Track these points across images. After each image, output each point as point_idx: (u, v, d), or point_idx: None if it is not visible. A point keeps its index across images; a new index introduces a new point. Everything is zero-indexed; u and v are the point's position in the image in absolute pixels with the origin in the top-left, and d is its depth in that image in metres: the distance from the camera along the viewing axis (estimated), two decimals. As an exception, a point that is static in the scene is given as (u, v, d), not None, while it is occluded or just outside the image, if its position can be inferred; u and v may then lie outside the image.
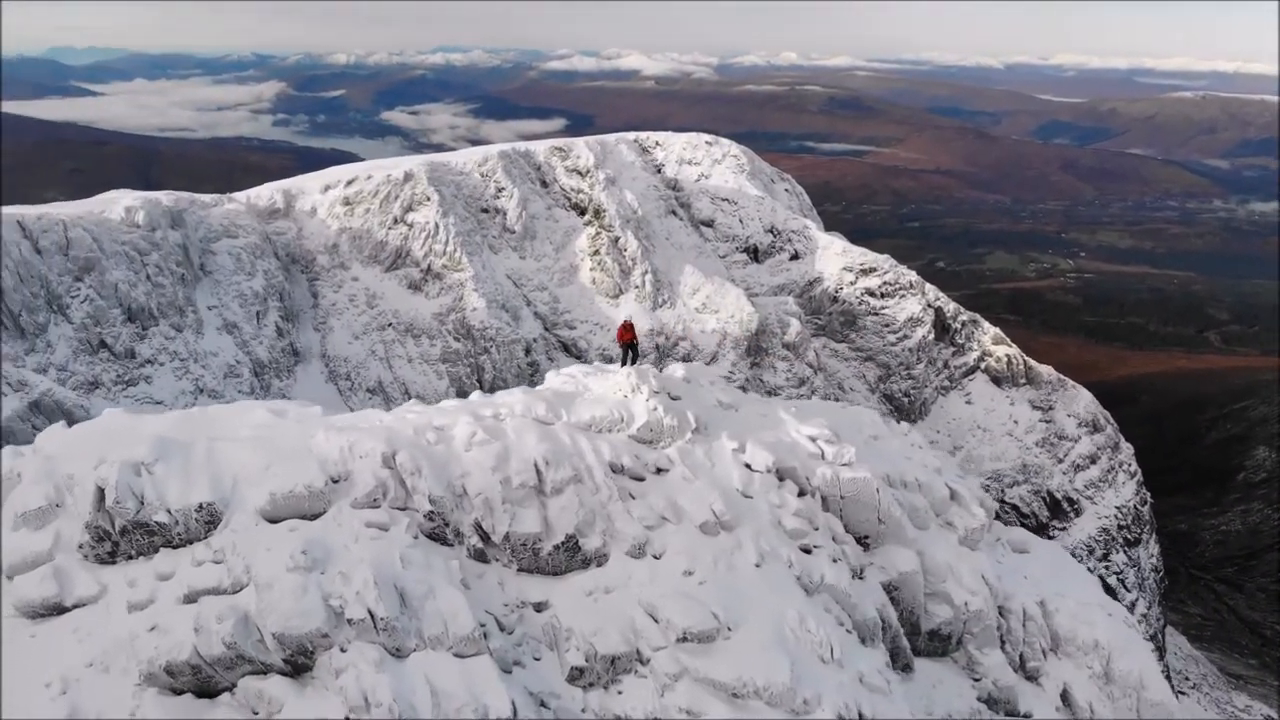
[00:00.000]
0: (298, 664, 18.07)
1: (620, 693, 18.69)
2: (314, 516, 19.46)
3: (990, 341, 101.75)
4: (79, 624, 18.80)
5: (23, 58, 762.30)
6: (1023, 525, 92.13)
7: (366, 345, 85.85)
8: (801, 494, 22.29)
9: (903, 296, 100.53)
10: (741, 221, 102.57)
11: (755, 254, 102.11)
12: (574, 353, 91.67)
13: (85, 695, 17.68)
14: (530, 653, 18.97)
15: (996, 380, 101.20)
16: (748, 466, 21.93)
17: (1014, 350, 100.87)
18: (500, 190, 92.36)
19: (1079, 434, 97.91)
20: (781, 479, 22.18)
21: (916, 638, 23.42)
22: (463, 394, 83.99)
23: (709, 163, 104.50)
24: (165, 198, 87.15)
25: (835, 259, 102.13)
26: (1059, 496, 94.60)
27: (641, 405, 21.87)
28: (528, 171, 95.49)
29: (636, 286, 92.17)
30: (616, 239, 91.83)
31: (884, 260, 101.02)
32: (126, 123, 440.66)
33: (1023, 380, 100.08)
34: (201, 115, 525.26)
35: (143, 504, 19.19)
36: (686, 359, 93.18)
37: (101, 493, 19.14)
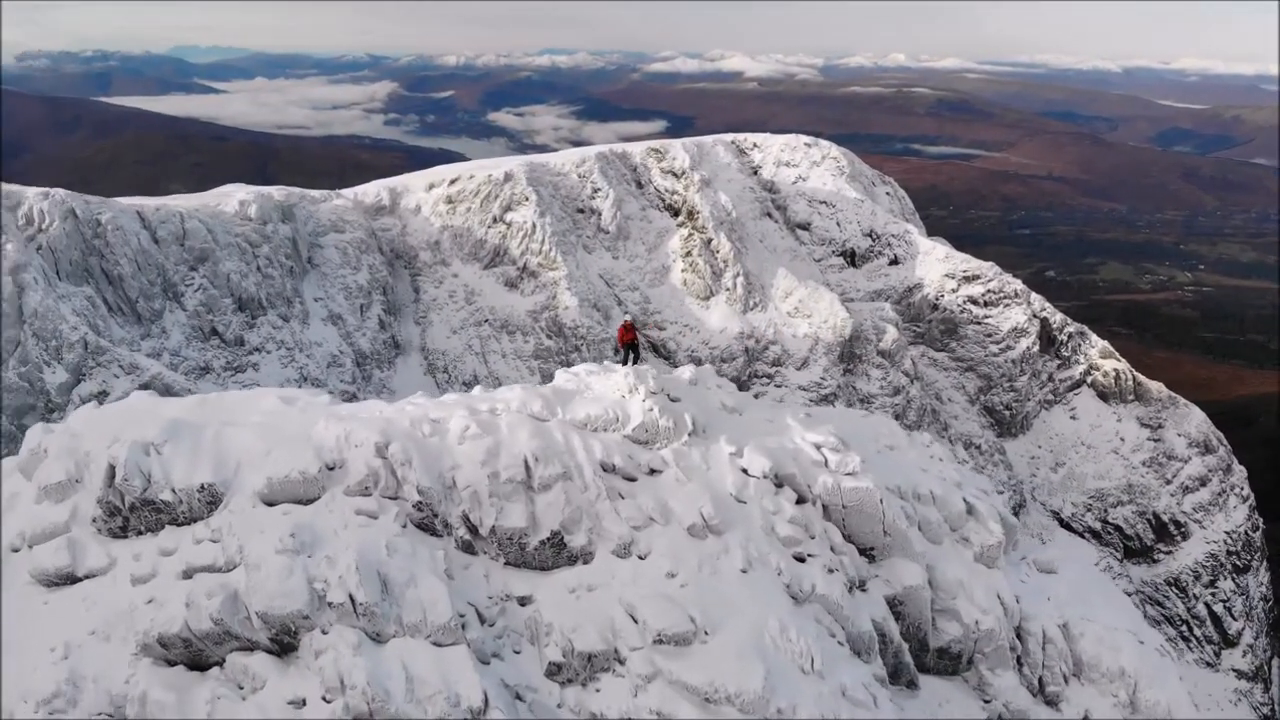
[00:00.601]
0: (283, 643, 18.82)
1: (598, 691, 18.94)
2: (308, 501, 20.21)
3: (1098, 355, 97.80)
4: (87, 594, 19.95)
5: (149, 55, 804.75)
6: (1126, 548, 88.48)
7: (464, 340, 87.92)
8: (801, 501, 22.07)
9: (1007, 306, 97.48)
10: (839, 225, 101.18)
11: (852, 258, 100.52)
12: (662, 354, 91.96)
13: (84, 661, 18.80)
14: (511, 645, 19.38)
15: (1103, 396, 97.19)
16: (744, 471, 21.83)
17: (1123, 365, 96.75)
18: (596, 191, 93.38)
19: (1189, 454, 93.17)
20: (780, 485, 22.03)
21: (925, 654, 23.01)
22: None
23: (807, 165, 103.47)
24: (277, 192, 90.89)
25: (937, 265, 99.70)
26: (1165, 519, 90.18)
27: (637, 405, 22.02)
28: (624, 173, 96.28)
29: (727, 289, 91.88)
30: (709, 240, 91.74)
31: (988, 268, 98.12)
32: (247, 120, 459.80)
33: (1131, 397, 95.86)
34: (317, 114, 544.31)
35: (150, 482, 20.23)
36: (776, 364, 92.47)
37: (113, 470, 20.23)
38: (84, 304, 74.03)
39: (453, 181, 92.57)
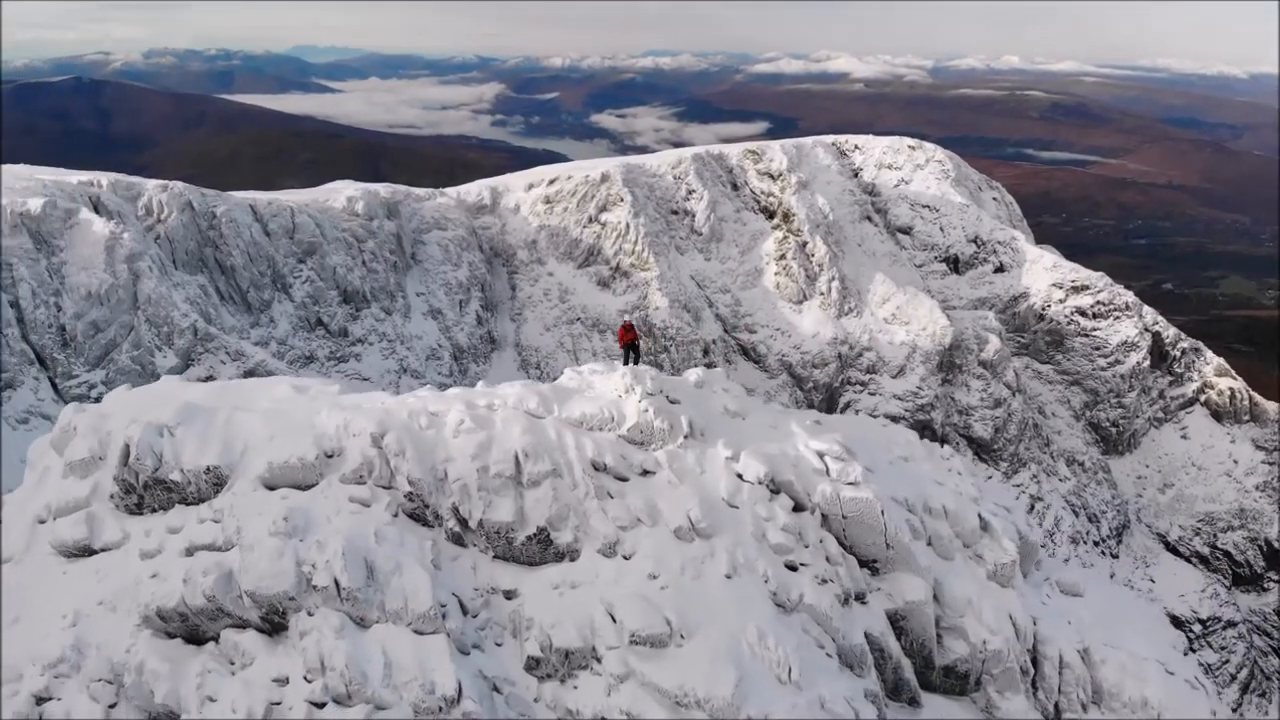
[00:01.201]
0: (273, 623, 19.43)
1: (575, 688, 18.94)
2: (306, 487, 20.74)
3: (1213, 373, 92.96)
4: (101, 566, 20.91)
5: (269, 55, 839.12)
6: (1235, 574, 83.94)
7: (556, 337, 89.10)
8: (799, 509, 21.61)
9: (1117, 318, 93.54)
10: (942, 230, 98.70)
11: (955, 265, 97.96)
12: (753, 357, 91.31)
13: (90, 630, 19.77)
14: (493, 638, 19.53)
15: (1217, 415, 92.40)
16: (739, 476, 21.47)
17: (1239, 384, 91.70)
18: (691, 192, 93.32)
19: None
20: (776, 491, 21.59)
21: (931, 672, 22.29)
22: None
23: (910, 167, 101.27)
24: (383, 190, 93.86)
25: (1044, 274, 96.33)
26: (1278, 546, 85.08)
27: (633, 406, 21.83)
28: (719, 174, 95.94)
29: (822, 293, 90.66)
30: (804, 244, 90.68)
31: (1098, 278, 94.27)
32: (360, 118, 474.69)
33: (1246, 417, 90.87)
34: (427, 113, 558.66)
35: (161, 462, 21.06)
36: (871, 371, 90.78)
37: (128, 449, 21.11)
38: (197, 292, 77.79)
39: (551, 182, 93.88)
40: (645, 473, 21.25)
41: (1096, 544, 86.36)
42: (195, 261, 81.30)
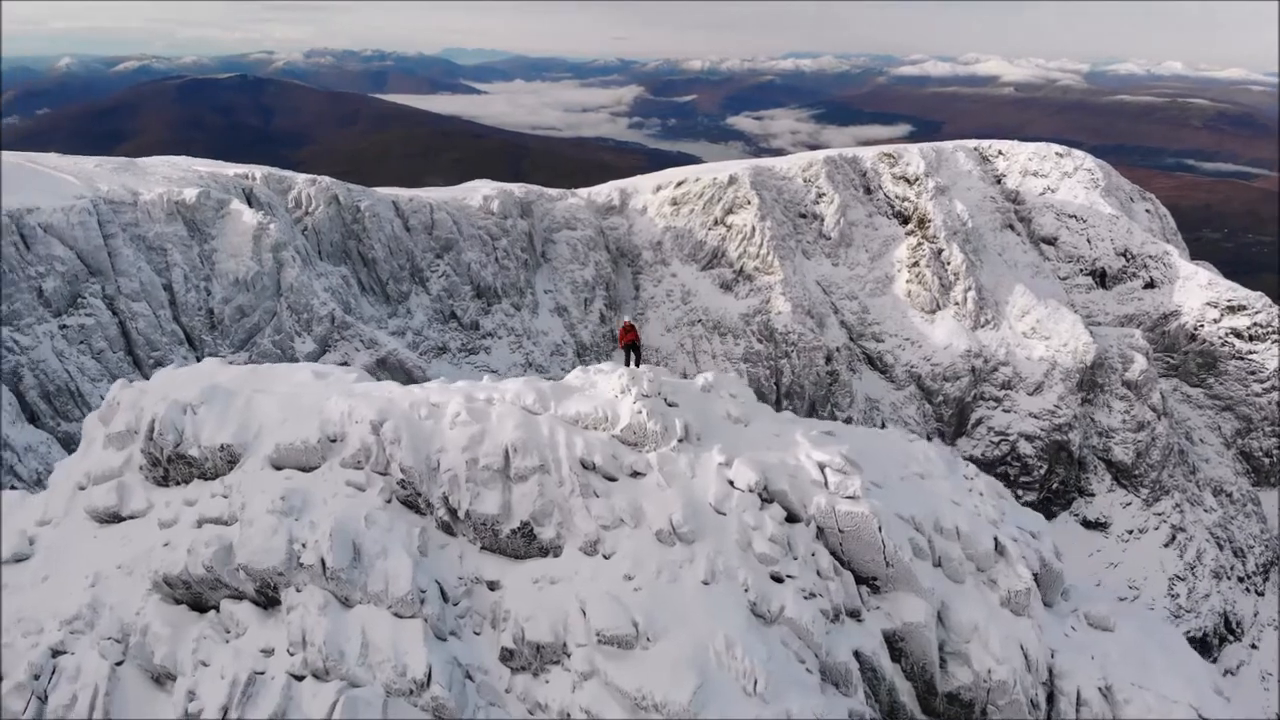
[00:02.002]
0: (267, 596, 20.31)
1: (547, 682, 19.06)
2: (310, 469, 21.57)
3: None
4: (126, 533, 22.23)
5: (421, 56, 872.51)
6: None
7: (676, 338, 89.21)
8: (794, 520, 20.97)
9: (1276, 341, 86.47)
10: (1089, 241, 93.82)
11: (1102, 278, 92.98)
12: (879, 366, 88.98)
13: (107, 591, 21.13)
14: (472, 626, 19.81)
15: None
16: (730, 483, 20.96)
17: None
18: (821, 196, 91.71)
19: None
20: (769, 501, 20.99)
21: (933, 698, 21.23)
22: (759, 394, 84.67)
23: (1057, 175, 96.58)
24: (518, 189, 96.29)
25: (1198, 292, 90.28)
26: None
27: (627, 407, 21.58)
28: (852, 178, 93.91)
29: (956, 303, 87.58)
30: (939, 251, 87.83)
31: (1257, 298, 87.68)
32: (504, 119, 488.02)
33: None
34: (568, 115, 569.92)
35: (182, 439, 22.26)
36: (1006, 387, 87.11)
37: (153, 424, 22.39)
38: (339, 282, 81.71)
39: (679, 184, 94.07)
40: (635, 474, 21.10)
41: (1241, 580, 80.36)
42: (339, 253, 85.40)
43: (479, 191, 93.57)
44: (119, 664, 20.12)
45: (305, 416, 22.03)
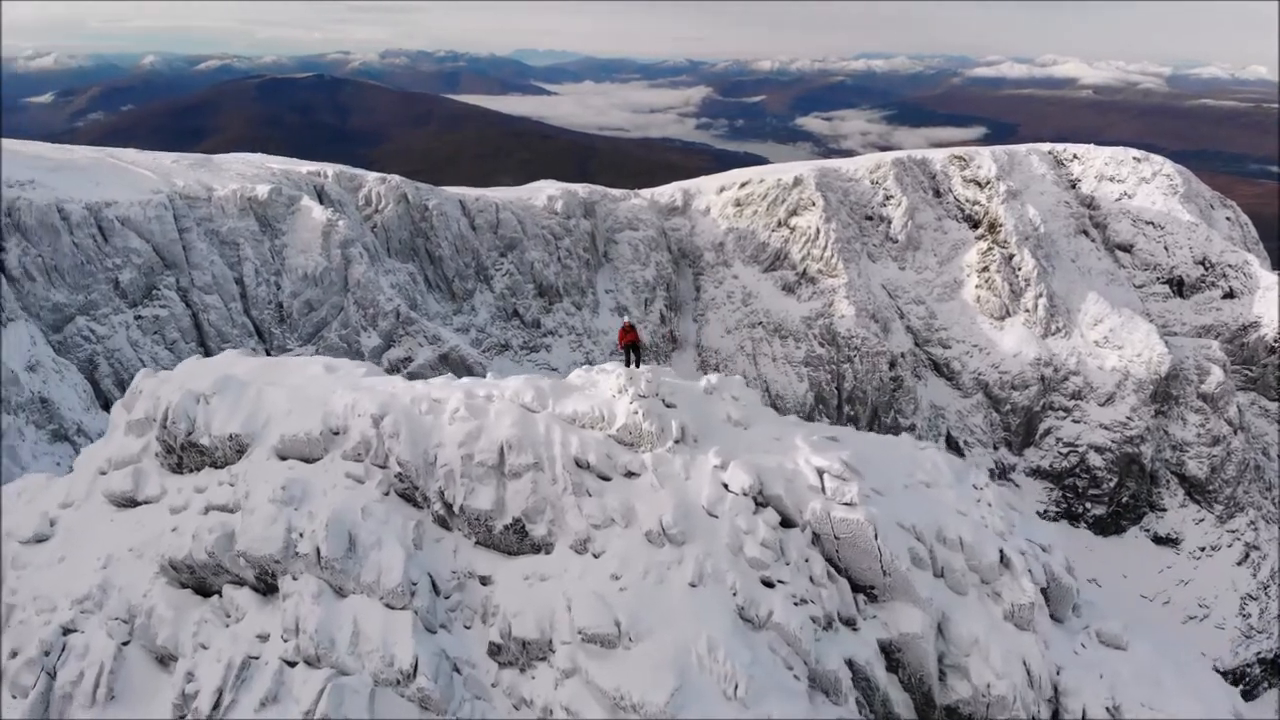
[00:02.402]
0: (266, 583, 20.77)
1: (533, 678, 19.14)
2: (313, 460, 21.96)
3: None
4: (140, 517, 22.86)
5: (493, 57, 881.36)
6: None
7: (736, 340, 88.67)
8: (789, 525, 20.66)
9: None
10: (1166, 249, 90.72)
11: (1179, 287, 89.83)
12: (945, 373, 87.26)
13: (117, 573, 21.78)
14: (462, 620, 20.05)
15: None
16: (724, 486, 20.75)
17: None
18: (888, 198, 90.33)
19: None
20: (764, 505, 20.72)
21: (931, 710, 20.68)
22: (820, 399, 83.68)
23: (1134, 181, 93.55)
24: (582, 190, 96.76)
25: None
26: None
27: (624, 406, 21.55)
28: (921, 180, 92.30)
29: (1027, 310, 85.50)
30: (1010, 256, 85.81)
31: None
32: (573, 120, 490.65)
33: None
34: (635, 116, 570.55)
35: (194, 427, 22.84)
36: (1076, 397, 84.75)
37: (168, 413, 23.02)
38: (406, 279, 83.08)
39: (743, 185, 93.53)
40: (629, 474, 21.04)
41: (1318, 602, 76.83)
42: (407, 250, 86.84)
43: (544, 191, 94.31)
44: (125, 644, 20.76)
45: (311, 409, 22.48)
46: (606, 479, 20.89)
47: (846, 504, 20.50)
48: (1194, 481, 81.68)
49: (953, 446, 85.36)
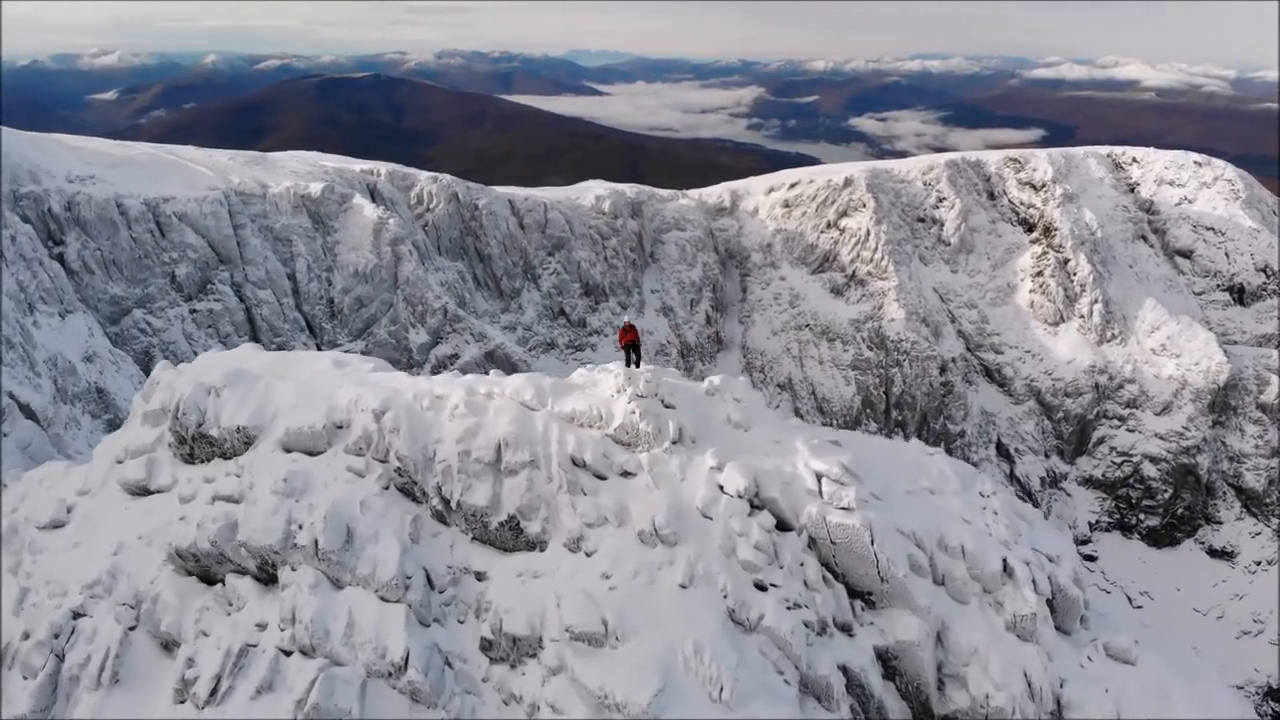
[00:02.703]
0: (267, 573, 21.12)
1: (523, 674, 19.17)
2: (316, 453, 22.26)
3: None
4: (151, 506, 23.35)
5: (546, 58, 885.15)
6: None
7: (782, 342, 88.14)
8: (785, 529, 20.40)
9: None
10: (1227, 255, 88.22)
11: (1240, 295, 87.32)
12: (996, 379, 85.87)
13: (127, 559, 22.31)
14: (456, 615, 20.16)
15: None
16: (720, 487, 20.54)
17: None
18: (941, 200, 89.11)
19: None
20: (759, 508, 20.47)
21: (929, 719, 20.33)
22: (867, 403, 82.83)
23: (1195, 185, 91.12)
24: (629, 190, 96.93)
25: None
26: None
27: (621, 406, 21.44)
28: (975, 182, 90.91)
29: (1081, 315, 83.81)
30: (1065, 261, 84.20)
31: None
32: (623, 120, 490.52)
33: None
34: (686, 116, 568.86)
35: (204, 419, 23.31)
36: (1131, 405, 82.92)
37: (179, 405, 23.53)
38: (455, 277, 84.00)
39: (792, 185, 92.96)
40: (625, 474, 20.93)
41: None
42: (457, 249, 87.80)
43: (592, 191, 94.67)
44: (131, 629, 21.23)
45: (316, 403, 22.83)
46: (602, 478, 20.87)
47: (843, 508, 20.19)
48: (1251, 494, 79.41)
49: (1003, 454, 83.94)
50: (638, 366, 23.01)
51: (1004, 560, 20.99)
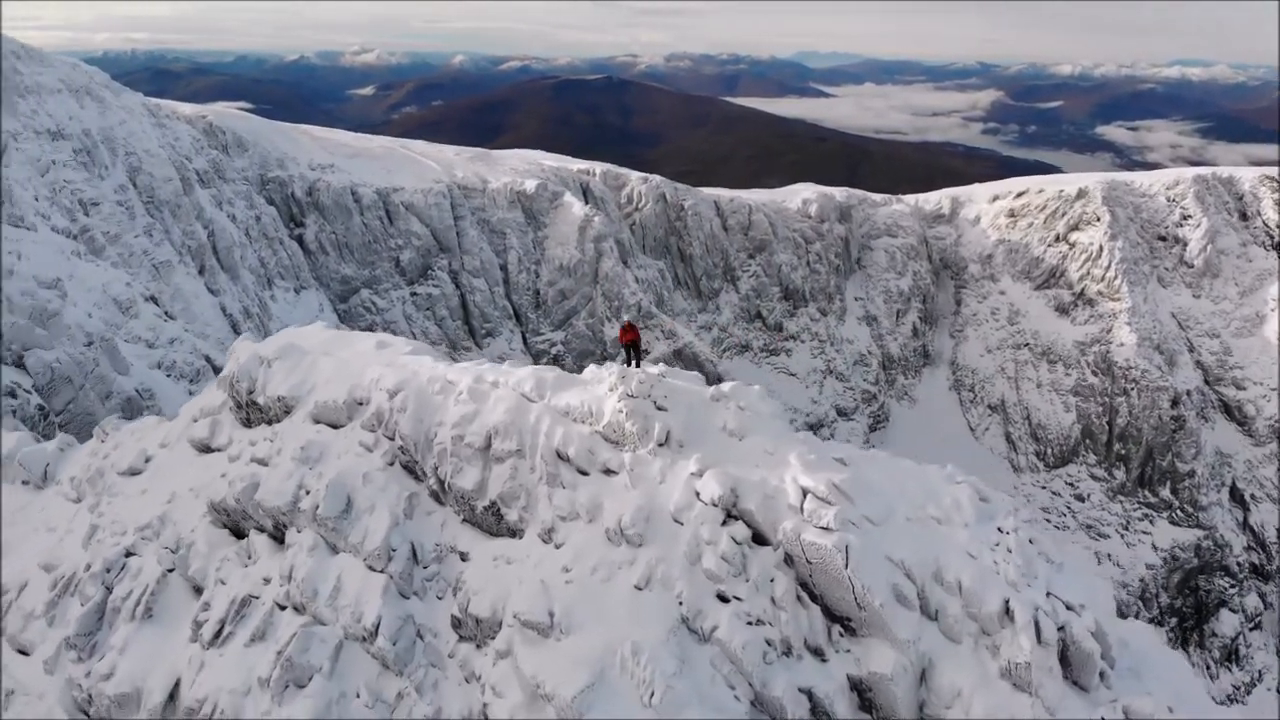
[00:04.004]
0: (281, 532, 22.79)
1: (485, 654, 19.65)
2: (338, 426, 23.88)
3: None
4: (209, 462, 25.52)
5: (773, 60, 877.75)
6: None
7: (997, 361, 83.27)
8: (762, 543, 19.65)
9: None
10: None
11: None
12: (1236, 417, 77.22)
13: (176, 509, 24.65)
14: (436, 590, 21.10)
15: None
16: (696, 494, 20.00)
17: None
18: (1186, 218, 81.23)
19: None
20: (735, 518, 19.77)
21: None
22: (1087, 433, 76.66)
23: None
24: (839, 194, 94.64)
25: None
26: None
27: (610, 404, 21.30)
28: (1225, 200, 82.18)
29: (1345, 354, 73.52)
30: (1330, 292, 74.08)
31: None
32: (848, 122, 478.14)
33: None
34: (915, 119, 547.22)
35: (254, 387, 25.35)
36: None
37: (236, 373, 25.80)
38: (655, 275, 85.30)
39: (1018, 194, 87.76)
40: (607, 471, 20.89)
41: None
42: (661, 248, 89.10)
43: (799, 194, 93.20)
44: (170, 571, 23.50)
45: (346, 379, 24.36)
46: (585, 473, 20.96)
47: (822, 528, 19.09)
48: None
49: (1236, 499, 75.31)
50: (637, 366, 22.86)
51: (1006, 601, 19.01)
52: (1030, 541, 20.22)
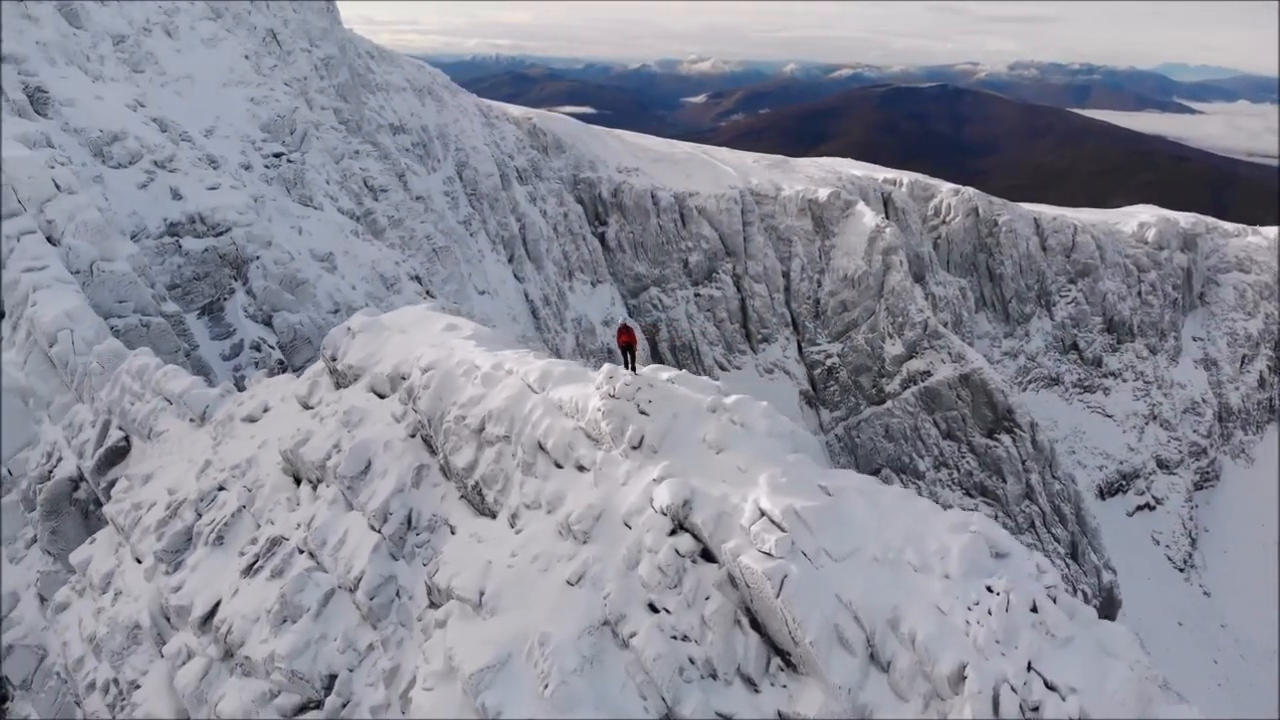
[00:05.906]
0: (318, 484, 25.37)
1: (444, 625, 20.42)
2: (384, 397, 26.32)
3: None
4: (301, 417, 28.19)
5: (1133, 71, 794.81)
6: None
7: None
8: (710, 559, 18.91)
9: None
10: None
11: None
12: None
13: (262, 454, 27.63)
14: (423, 557, 22.44)
15: None
16: (650, 500, 19.49)
17: None
18: None
19: None
20: (684, 529, 19.12)
21: None
22: None
23: None
24: (1183, 220, 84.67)
25: None
26: None
27: (593, 402, 21.27)
28: None
29: None
30: None
31: None
32: (1216, 143, 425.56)
33: None
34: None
35: (337, 354, 28.13)
36: None
37: (327, 342, 28.76)
38: (955, 293, 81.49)
39: None
40: (580, 467, 21.09)
41: None
42: (967, 264, 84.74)
43: (1135, 217, 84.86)
44: (243, 507, 26.41)
45: (400, 355, 26.48)
46: (560, 466, 21.32)
47: (763, 552, 18.03)
48: None
49: None
50: (632, 369, 22.63)
51: (963, 665, 16.60)
52: (1034, 609, 17.64)
